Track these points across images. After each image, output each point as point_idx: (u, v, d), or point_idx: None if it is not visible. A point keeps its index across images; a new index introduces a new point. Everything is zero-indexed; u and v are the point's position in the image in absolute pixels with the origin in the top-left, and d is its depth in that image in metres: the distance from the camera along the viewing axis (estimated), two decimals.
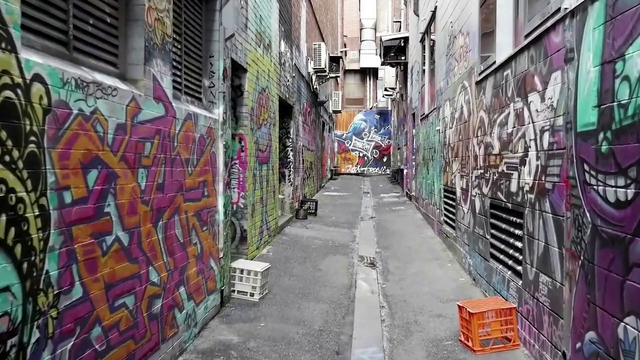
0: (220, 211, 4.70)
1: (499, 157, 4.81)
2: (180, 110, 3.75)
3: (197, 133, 4.12)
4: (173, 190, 3.60)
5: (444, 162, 8.21)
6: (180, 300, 3.76)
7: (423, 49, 11.49)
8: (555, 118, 3.40)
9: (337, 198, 15.76)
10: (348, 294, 5.58)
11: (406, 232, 9.45)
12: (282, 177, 10.58)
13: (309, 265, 6.77)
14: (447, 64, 7.91)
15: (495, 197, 4.92)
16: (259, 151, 7.23)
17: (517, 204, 4.25)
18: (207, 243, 4.40)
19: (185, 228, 3.86)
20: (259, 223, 7.23)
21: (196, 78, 4.45)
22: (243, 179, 6.48)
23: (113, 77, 2.92)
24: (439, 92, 8.83)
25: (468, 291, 5.54)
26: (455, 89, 7.20)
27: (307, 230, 9.45)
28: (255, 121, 6.93)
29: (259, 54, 7.07)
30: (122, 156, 2.85)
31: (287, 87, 9.66)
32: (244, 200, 6.50)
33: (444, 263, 6.89)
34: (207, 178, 4.37)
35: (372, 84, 30.88)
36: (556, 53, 3.39)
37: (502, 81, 4.69)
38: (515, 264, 4.35)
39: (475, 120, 5.85)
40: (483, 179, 5.45)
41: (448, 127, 7.78)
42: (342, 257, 7.39)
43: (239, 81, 6.42)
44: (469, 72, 6.23)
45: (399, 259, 7.21)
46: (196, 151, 4.09)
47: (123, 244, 2.87)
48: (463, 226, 6.54)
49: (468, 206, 6.26)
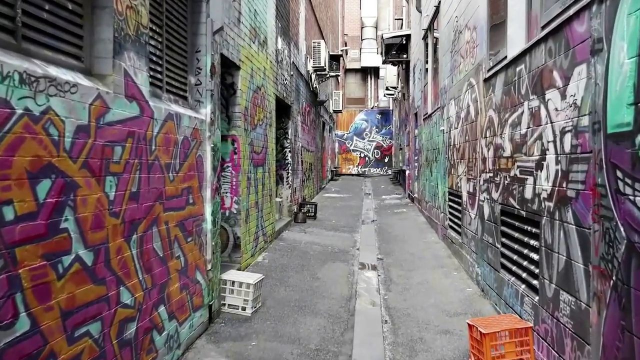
0: (208, 220, 4.32)
1: (510, 160, 4.43)
2: (159, 110, 3.37)
3: (180, 135, 3.75)
4: (150, 199, 3.23)
5: (449, 164, 7.83)
6: (160, 321, 3.39)
7: (426, 47, 11.10)
8: (579, 118, 3.02)
9: (338, 200, 15.38)
10: (348, 307, 5.20)
11: (409, 236, 9.07)
12: (280, 179, 10.21)
13: (306, 273, 6.39)
14: (451, 61, 7.53)
15: (507, 204, 4.53)
16: (254, 153, 6.86)
17: (532, 212, 3.86)
18: (193, 255, 4.03)
19: (166, 240, 3.48)
20: (254, 229, 6.86)
21: (181, 75, 4.07)
22: (236, 183, 6.11)
23: (76, 71, 2.55)
24: (442, 91, 8.44)
25: (477, 304, 5.16)
26: (460, 87, 6.82)
27: (306, 235, 9.07)
28: (249, 121, 6.55)
29: (253, 51, 6.69)
30: (84, 163, 2.48)
31: (284, 85, 9.29)
32: (237, 206, 6.12)
33: (449, 271, 6.50)
34: (192, 184, 3.99)
35: (374, 83, 30.48)
36: (580, 44, 3.01)
37: (515, 78, 4.30)
38: (531, 278, 3.97)
39: (484, 120, 5.47)
40: (492, 183, 5.07)
41: (453, 127, 7.40)
42: (342, 264, 7.01)
43: (232, 79, 6.05)
44: (476, 68, 5.84)
45: (402, 267, 6.83)
46: (179, 155, 3.71)
47: (85, 264, 2.49)
48: (470, 232, 6.16)
49: (475, 211, 5.88)
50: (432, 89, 10.23)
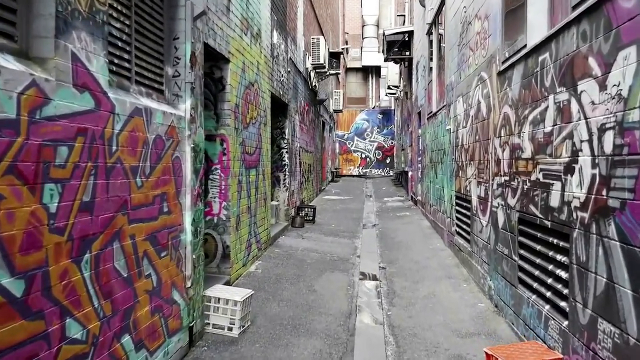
0: (187, 230, 3.80)
1: (531, 162, 3.90)
2: (123, 104, 2.85)
3: (152, 133, 3.23)
4: (110, 209, 2.71)
5: (456, 165, 7.30)
6: (124, 354, 2.86)
7: (430, 42, 10.58)
8: (625, 112, 2.49)
9: (338, 202, 14.85)
10: (347, 325, 4.68)
11: (413, 242, 8.54)
12: (277, 181, 9.68)
13: (302, 285, 5.86)
14: (459, 55, 7.00)
15: (527, 212, 4.01)
16: (246, 154, 6.34)
17: (560, 223, 3.34)
18: (168, 272, 3.51)
19: (132, 258, 2.96)
20: (246, 236, 6.34)
21: (155, 65, 3.55)
22: (225, 187, 5.59)
23: (4, 52, 2.03)
24: (449, 88, 7.92)
25: (491, 322, 4.63)
26: (469, 83, 6.29)
27: (303, 241, 8.54)
28: (240, 120, 6.03)
29: (245, 43, 6.17)
30: (10, 167, 1.96)
31: (281, 82, 8.76)
32: (227, 212, 5.60)
33: (458, 283, 5.97)
34: (167, 190, 3.47)
35: (375, 82, 29.94)
36: (627, 23, 2.49)
37: (536, 68, 3.78)
38: (557, 298, 3.44)
39: (497, 117, 4.94)
40: (508, 188, 4.54)
41: (461, 126, 6.87)
42: (341, 274, 6.48)
43: (220, 73, 5.53)
44: (488, 61, 5.32)
45: (406, 277, 6.30)
46: (150, 156, 3.19)
47: (12, 296, 1.98)
48: (481, 241, 5.63)
49: (487, 218, 5.35)
50: (437, 86, 9.71)
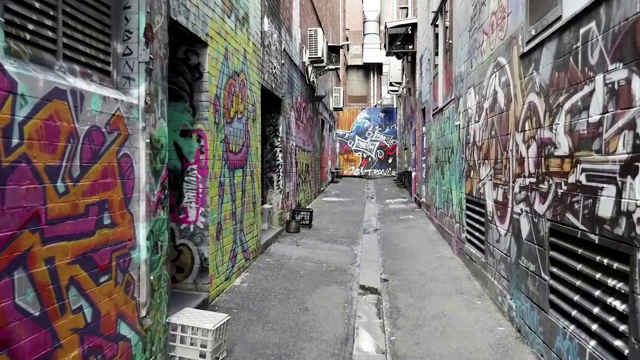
0: (141, 245, 3.06)
1: (569, 161, 3.15)
2: (32, 82, 2.12)
3: (84, 124, 2.49)
4: (9, 225, 1.97)
5: (467, 165, 6.54)
6: None
7: (436, 33, 9.82)
8: None
9: (337, 205, 14.10)
10: (342, 354, 3.93)
11: (418, 249, 7.78)
12: (270, 183, 8.94)
13: (292, 303, 5.12)
14: (470, 42, 6.25)
15: (562, 222, 3.26)
16: (230, 152, 5.59)
17: (613, 239, 2.59)
18: (112, 301, 2.77)
19: (48, 289, 2.22)
20: (230, 246, 5.59)
21: (98, 38, 2.82)
22: (203, 190, 4.85)
23: None
24: (457, 79, 7.16)
25: (514, 352, 3.87)
26: (483, 71, 5.54)
27: (298, 248, 7.80)
28: (222, 113, 5.29)
29: (228, 27, 5.43)
30: None
31: (273, 75, 8.02)
32: (205, 219, 4.86)
33: (471, 299, 5.22)
34: (110, 196, 2.73)
35: (376, 80, 29.17)
36: None
37: (576, 43, 3.03)
38: (609, 334, 2.69)
39: (520, 108, 4.19)
40: (536, 192, 3.79)
41: (473, 121, 6.12)
42: (338, 288, 5.73)
43: (197, 59, 4.79)
44: (507, 44, 4.57)
45: (412, 292, 5.55)
46: (81, 154, 2.46)
47: None
48: (498, 252, 4.88)
49: (507, 226, 4.60)
50: (443, 79, 8.95)
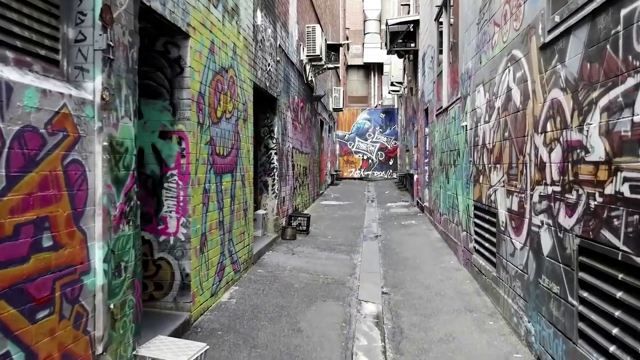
0: (97, 270, 2.57)
1: (607, 168, 2.66)
2: None
3: (12, 123, 2.00)
4: None
5: (475, 169, 6.05)
6: None
7: (440, 30, 9.34)
8: None
9: (337, 209, 13.60)
10: None
11: (421, 259, 7.28)
12: (264, 187, 8.45)
13: (284, 322, 4.62)
14: (479, 36, 5.77)
15: (596, 239, 2.77)
16: (217, 155, 5.11)
17: None
18: (56, 341, 2.28)
19: None
20: (217, 258, 5.10)
21: (42, 21, 2.33)
22: (184, 198, 4.36)
23: None
24: (464, 77, 6.68)
25: None
26: (494, 67, 5.05)
27: (293, 258, 7.30)
28: (207, 113, 4.81)
29: (214, 18, 4.95)
30: None
31: (267, 72, 7.53)
32: (186, 230, 4.37)
33: (482, 319, 4.72)
34: (53, 212, 2.24)
35: (377, 80, 28.67)
36: None
37: (616, 27, 2.54)
38: None
39: (540, 106, 3.70)
40: (561, 203, 3.29)
41: (482, 122, 5.63)
42: (335, 304, 5.24)
43: (177, 52, 4.30)
44: (524, 34, 4.08)
45: (416, 309, 5.05)
46: (7, 160, 1.97)
47: None
48: (513, 267, 4.38)
49: (524, 239, 4.10)
50: (448, 77, 8.46)
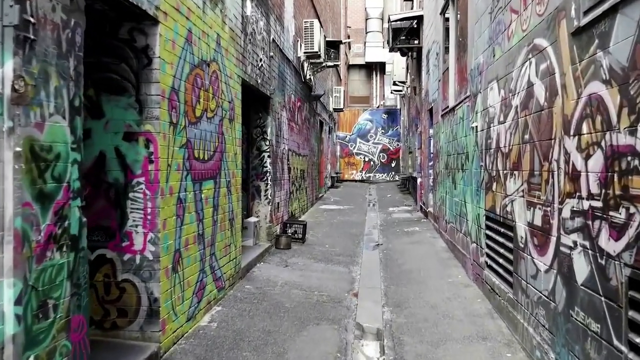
0: (5, 315, 1.96)
1: None
2: None
3: None
4: None
5: (487, 175, 5.43)
6: None
7: (446, 27, 8.73)
8: None
9: (336, 213, 12.98)
10: None
11: (427, 272, 6.66)
12: (257, 192, 7.85)
13: (270, 353, 4.01)
14: (492, 26, 5.15)
15: None
16: (195, 160, 4.50)
17: None
18: None
19: None
20: (195, 276, 4.49)
21: None
22: (152, 210, 3.75)
23: None
24: (474, 73, 6.06)
25: None
26: (511, 60, 4.44)
27: (286, 270, 6.69)
28: (183, 111, 4.20)
29: (192, 3, 4.35)
30: None
31: (258, 68, 6.93)
32: (155, 247, 3.76)
33: (498, 349, 4.10)
34: None
35: (379, 80, 28.06)
36: None
37: None
38: None
39: (573, 103, 3.08)
40: (602, 222, 2.67)
41: (496, 122, 5.01)
42: (330, 328, 4.62)
43: (145, 40, 3.70)
44: (551, 20, 3.46)
45: (422, 335, 4.44)
46: None
47: None
48: (535, 291, 3.76)
49: (549, 260, 3.48)
50: (455, 74, 7.84)
